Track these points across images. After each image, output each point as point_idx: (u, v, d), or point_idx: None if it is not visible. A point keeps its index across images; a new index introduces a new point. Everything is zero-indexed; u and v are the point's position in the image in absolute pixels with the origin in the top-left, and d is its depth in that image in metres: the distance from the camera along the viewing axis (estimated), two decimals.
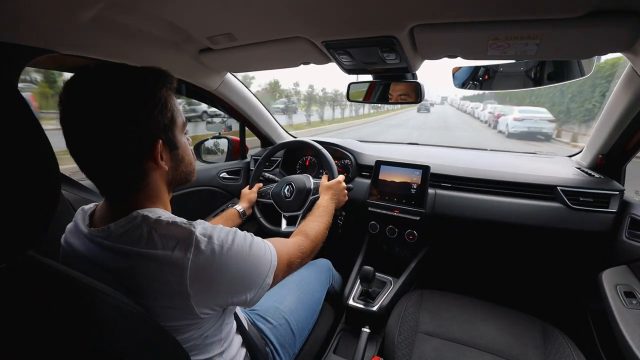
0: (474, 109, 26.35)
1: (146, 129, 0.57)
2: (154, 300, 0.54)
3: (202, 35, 0.95)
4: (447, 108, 45.91)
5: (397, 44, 0.86)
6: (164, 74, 0.61)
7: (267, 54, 1.04)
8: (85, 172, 0.58)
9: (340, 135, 11.09)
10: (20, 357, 0.40)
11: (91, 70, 0.56)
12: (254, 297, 0.64)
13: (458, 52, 0.88)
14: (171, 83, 0.62)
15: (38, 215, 0.41)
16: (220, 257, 0.57)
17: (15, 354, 0.40)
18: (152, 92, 0.58)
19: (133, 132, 0.56)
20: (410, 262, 1.40)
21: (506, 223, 1.24)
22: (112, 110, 0.54)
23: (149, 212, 0.58)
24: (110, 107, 0.53)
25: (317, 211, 1.06)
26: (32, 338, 0.40)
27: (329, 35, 0.88)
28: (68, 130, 0.54)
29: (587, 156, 1.34)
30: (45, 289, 0.42)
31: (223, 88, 1.42)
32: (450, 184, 1.38)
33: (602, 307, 0.99)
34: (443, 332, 1.04)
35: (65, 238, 0.66)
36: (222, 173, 1.68)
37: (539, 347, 0.99)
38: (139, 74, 0.58)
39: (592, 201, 1.17)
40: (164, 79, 0.61)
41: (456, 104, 46.61)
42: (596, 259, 1.18)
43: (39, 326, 0.40)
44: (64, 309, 0.42)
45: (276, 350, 0.91)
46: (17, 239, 0.39)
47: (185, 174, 0.69)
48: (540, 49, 0.76)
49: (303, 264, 0.82)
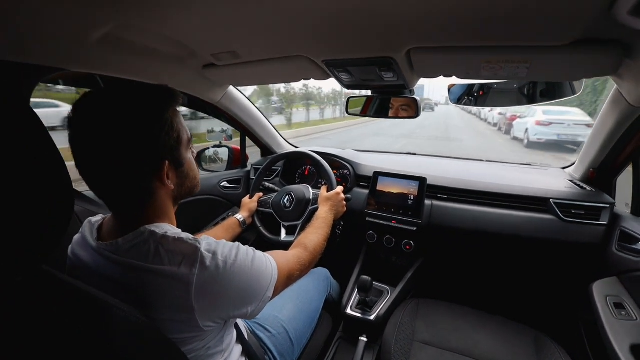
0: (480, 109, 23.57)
1: (153, 151, 0.59)
2: (159, 313, 0.56)
3: (207, 52, 0.99)
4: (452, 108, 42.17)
5: (394, 64, 0.89)
6: (170, 94, 0.63)
7: (269, 70, 1.07)
8: (94, 190, 0.60)
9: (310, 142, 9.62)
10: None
11: (99, 93, 0.58)
12: (255, 310, 0.65)
13: (453, 72, 0.91)
14: (177, 101, 0.64)
15: (52, 229, 0.42)
16: (224, 272, 0.59)
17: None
18: (159, 114, 0.60)
19: (140, 154, 0.57)
20: (407, 272, 1.42)
21: (500, 234, 1.27)
22: (119, 134, 0.55)
23: (156, 228, 0.60)
24: (117, 130, 0.55)
25: (316, 223, 1.07)
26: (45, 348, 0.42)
27: (329, 55, 0.92)
28: (77, 150, 0.56)
29: (580, 169, 1.37)
30: (58, 301, 0.43)
31: (225, 100, 1.45)
32: (447, 195, 1.41)
33: (593, 317, 1.02)
34: (439, 341, 1.06)
35: (72, 249, 0.68)
36: (223, 182, 1.70)
37: (532, 356, 1.02)
38: (147, 97, 0.60)
39: (584, 213, 1.20)
40: (170, 99, 0.62)
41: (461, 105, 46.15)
42: (587, 270, 1.21)
43: (53, 338, 0.42)
44: (77, 321, 0.43)
45: (275, 359, 0.93)
46: (32, 252, 0.41)
47: (191, 188, 0.71)
48: (531, 72, 0.80)
49: (302, 275, 0.83)
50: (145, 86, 0.61)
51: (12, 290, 0.41)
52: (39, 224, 0.40)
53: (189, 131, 0.68)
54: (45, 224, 0.41)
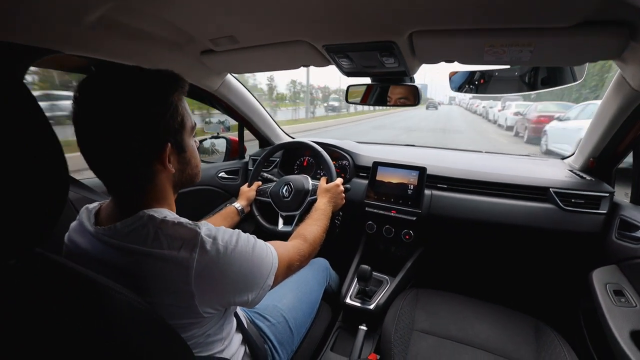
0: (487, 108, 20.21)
1: (156, 133, 0.58)
2: (158, 298, 0.55)
3: (205, 37, 0.97)
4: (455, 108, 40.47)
5: (396, 48, 0.88)
6: (176, 79, 0.62)
7: (268, 56, 1.06)
8: (95, 170, 0.59)
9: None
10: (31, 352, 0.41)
11: (106, 72, 0.57)
12: (256, 298, 0.65)
13: (455, 58, 0.90)
14: (183, 87, 0.63)
15: (47, 211, 0.41)
16: (224, 257, 0.58)
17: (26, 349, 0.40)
18: (164, 97, 0.59)
19: (143, 135, 0.57)
20: (407, 262, 1.42)
21: (500, 223, 1.27)
22: (124, 113, 0.55)
23: (155, 212, 0.59)
24: (123, 109, 0.54)
25: (315, 214, 1.06)
26: (43, 333, 0.41)
27: (329, 40, 0.90)
28: (80, 128, 0.55)
29: (579, 159, 1.37)
30: (55, 284, 0.42)
31: (223, 89, 1.43)
32: (447, 185, 1.40)
33: (592, 306, 1.02)
34: (438, 330, 1.06)
35: (69, 236, 0.67)
36: (221, 173, 1.69)
37: (532, 344, 1.02)
38: (153, 79, 0.59)
39: (584, 202, 1.20)
40: (176, 84, 0.62)
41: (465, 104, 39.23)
42: (587, 258, 1.21)
43: (50, 321, 0.41)
44: (75, 304, 0.42)
45: (275, 348, 0.93)
46: (26, 235, 0.40)
47: (191, 176, 0.70)
48: (534, 55, 0.79)
49: (301, 267, 0.83)
50: (153, 70, 0.60)
51: (6, 274, 0.40)
52: (33, 206, 0.39)
53: (193, 119, 0.68)
54: (39, 206, 0.40)
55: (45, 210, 0.41)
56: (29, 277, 0.41)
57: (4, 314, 0.40)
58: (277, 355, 0.93)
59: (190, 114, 0.66)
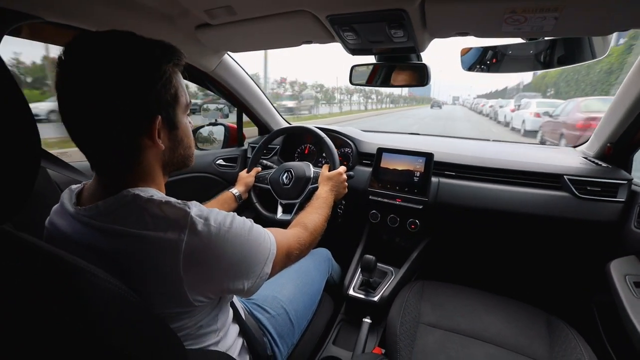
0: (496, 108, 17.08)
1: (146, 102, 0.53)
2: (144, 284, 0.50)
3: (200, 8, 0.90)
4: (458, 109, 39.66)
5: (406, 18, 0.81)
6: (172, 49, 0.57)
7: (267, 30, 0.99)
8: (77, 141, 0.54)
9: None
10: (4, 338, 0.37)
11: (96, 33, 0.52)
12: (252, 287, 0.60)
13: (470, 29, 0.84)
14: (179, 59, 0.58)
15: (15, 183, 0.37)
16: (217, 239, 0.53)
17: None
18: (157, 64, 0.54)
19: (132, 103, 0.52)
20: (412, 253, 1.37)
21: (511, 212, 1.22)
22: (112, 77, 0.50)
23: (141, 192, 0.54)
24: (111, 73, 0.50)
25: (316, 203, 1.02)
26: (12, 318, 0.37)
27: (334, 9, 0.83)
28: (64, 93, 0.50)
29: (594, 145, 1.31)
30: (23, 265, 0.38)
31: (220, 70, 1.37)
32: (454, 172, 1.34)
33: (607, 299, 0.97)
34: (446, 324, 1.02)
35: (50, 219, 0.62)
36: (219, 160, 1.63)
37: (545, 338, 0.97)
38: (146, 44, 0.54)
39: (600, 190, 1.15)
40: (172, 54, 0.57)
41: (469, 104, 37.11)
42: (603, 249, 1.16)
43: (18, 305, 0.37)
44: (45, 287, 0.38)
45: (274, 341, 0.88)
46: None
47: (183, 157, 0.65)
48: (559, 23, 0.72)
49: (301, 256, 0.78)
50: (147, 38, 0.55)
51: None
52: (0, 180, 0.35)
53: (188, 96, 0.63)
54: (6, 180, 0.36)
55: (14, 183, 0.37)
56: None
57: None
58: (277, 348, 0.88)
59: (186, 91, 0.62)
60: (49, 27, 0.83)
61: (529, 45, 1.03)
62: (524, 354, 0.91)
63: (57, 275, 0.39)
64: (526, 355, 0.91)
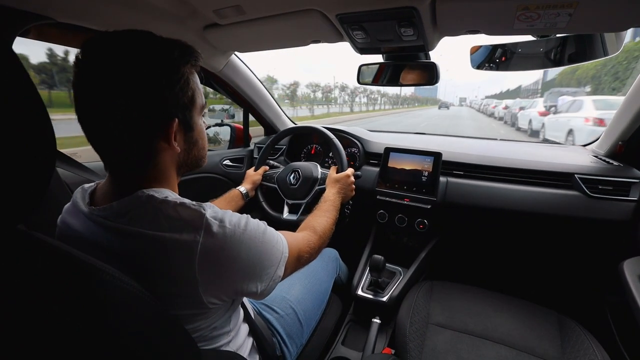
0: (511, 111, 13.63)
1: (164, 105, 0.53)
2: (158, 286, 0.50)
3: (209, 8, 0.90)
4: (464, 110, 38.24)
5: (416, 16, 0.81)
6: (190, 50, 0.57)
7: (276, 30, 0.99)
8: (93, 142, 0.53)
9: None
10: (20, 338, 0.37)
11: (114, 33, 0.51)
12: (265, 289, 0.60)
13: (481, 27, 0.83)
14: (196, 60, 0.58)
15: (31, 184, 0.37)
16: (232, 241, 0.53)
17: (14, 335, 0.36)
18: (175, 66, 0.54)
19: (149, 105, 0.51)
20: (420, 252, 1.36)
21: (521, 212, 1.20)
22: (130, 79, 0.49)
23: (155, 192, 0.54)
24: (129, 74, 0.49)
25: (324, 205, 1.02)
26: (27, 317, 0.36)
27: (344, 7, 0.83)
28: (81, 93, 0.50)
29: (605, 143, 1.30)
30: (38, 265, 0.38)
31: (228, 70, 1.37)
32: (463, 171, 1.34)
33: (620, 300, 0.95)
34: (455, 324, 1.01)
35: (62, 218, 0.62)
36: (225, 160, 1.63)
37: (556, 339, 0.96)
38: (164, 45, 0.53)
39: (612, 189, 1.13)
40: (190, 55, 0.56)
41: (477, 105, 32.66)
42: (615, 248, 1.15)
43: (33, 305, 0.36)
44: (61, 286, 0.38)
45: (283, 341, 0.88)
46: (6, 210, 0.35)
47: (197, 158, 0.65)
48: (573, 19, 0.71)
49: (310, 260, 0.78)
50: (165, 38, 0.55)
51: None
52: (15, 179, 0.35)
53: (203, 98, 0.62)
54: (22, 178, 0.36)
55: (29, 183, 0.37)
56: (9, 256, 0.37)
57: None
58: (286, 349, 0.88)
59: (202, 92, 0.61)
60: (57, 28, 0.83)
61: (539, 43, 1.02)
62: (535, 355, 0.90)
63: (74, 275, 0.39)
64: (537, 356, 0.90)
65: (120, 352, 0.40)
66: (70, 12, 0.77)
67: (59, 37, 0.91)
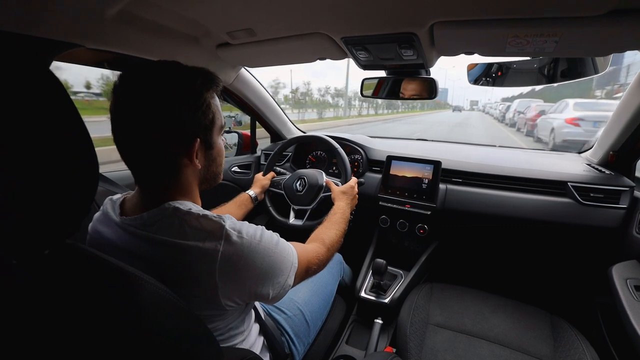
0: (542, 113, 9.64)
1: (188, 127, 0.59)
2: (182, 289, 0.55)
3: (222, 30, 0.97)
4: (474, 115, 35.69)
5: (416, 40, 0.87)
6: (211, 77, 0.63)
7: (284, 49, 1.05)
8: (126, 160, 0.60)
9: None
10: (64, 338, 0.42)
11: (146, 66, 0.58)
12: (276, 296, 0.65)
13: (476, 49, 0.89)
14: (217, 86, 0.64)
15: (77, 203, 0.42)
16: (249, 250, 0.59)
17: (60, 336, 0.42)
18: (198, 93, 0.60)
19: (175, 128, 0.58)
20: (421, 256, 1.42)
21: (516, 218, 1.26)
22: (159, 106, 0.56)
23: (180, 205, 0.60)
24: (158, 103, 0.56)
25: (334, 218, 1.03)
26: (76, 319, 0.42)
27: (348, 32, 0.89)
28: (116, 118, 0.57)
29: (598, 152, 1.35)
30: (85, 273, 0.43)
31: (237, 83, 1.43)
32: (461, 179, 1.39)
33: (610, 302, 1.00)
34: (453, 324, 1.06)
35: (93, 226, 0.68)
36: (234, 167, 1.70)
37: (549, 338, 1.01)
38: (189, 74, 0.60)
39: (603, 197, 1.18)
40: (211, 82, 0.63)
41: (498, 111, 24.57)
42: (606, 253, 1.20)
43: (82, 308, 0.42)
44: (105, 292, 0.43)
45: (292, 340, 0.94)
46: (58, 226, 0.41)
47: (215, 174, 0.71)
48: (559, 46, 0.77)
49: (318, 271, 0.82)
50: (190, 67, 0.62)
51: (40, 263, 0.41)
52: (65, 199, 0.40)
53: (223, 119, 0.69)
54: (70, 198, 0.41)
55: (76, 202, 0.42)
56: (61, 266, 0.42)
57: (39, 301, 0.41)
58: (294, 347, 0.94)
59: (222, 113, 0.67)
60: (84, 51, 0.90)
61: (533, 60, 1.07)
62: (528, 354, 0.95)
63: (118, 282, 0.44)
64: (530, 355, 0.95)
65: (156, 349, 0.46)
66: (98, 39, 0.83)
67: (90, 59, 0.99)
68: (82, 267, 0.44)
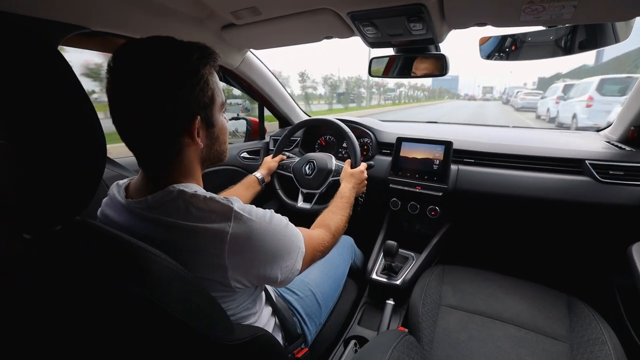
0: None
1: (186, 105, 0.58)
2: (191, 271, 0.55)
3: (227, 10, 0.95)
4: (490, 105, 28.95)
5: (425, 12, 0.84)
6: (208, 51, 0.61)
7: (290, 28, 1.03)
8: (126, 141, 0.59)
9: None
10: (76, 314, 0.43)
11: (139, 42, 0.56)
12: (285, 279, 0.65)
13: (488, 19, 0.85)
14: (214, 61, 0.62)
15: (87, 178, 0.42)
16: (259, 231, 0.59)
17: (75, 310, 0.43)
18: (195, 69, 0.58)
19: (174, 107, 0.56)
20: (432, 238, 1.40)
21: (531, 198, 1.23)
22: (156, 84, 0.54)
23: (185, 187, 0.59)
24: (154, 80, 0.54)
25: (339, 202, 1.03)
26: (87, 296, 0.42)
27: (355, 6, 0.87)
28: (113, 98, 0.55)
29: (618, 129, 1.30)
30: (98, 248, 0.44)
31: (244, 66, 1.42)
32: (474, 159, 1.36)
33: (630, 282, 0.97)
34: (466, 305, 1.05)
35: (101, 210, 0.68)
36: (243, 153, 1.70)
37: (564, 319, 0.99)
38: (184, 49, 0.58)
39: (623, 174, 1.14)
40: (208, 57, 0.61)
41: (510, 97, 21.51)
42: (625, 232, 1.16)
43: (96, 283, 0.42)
44: (118, 267, 0.43)
45: (303, 320, 0.94)
46: (69, 203, 0.41)
47: (219, 153, 0.70)
48: (578, 10, 0.73)
49: (322, 257, 0.82)
50: (185, 42, 0.59)
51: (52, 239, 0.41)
52: (73, 174, 0.40)
53: (223, 96, 0.67)
54: (80, 174, 0.41)
55: (85, 179, 0.42)
56: (72, 242, 0.43)
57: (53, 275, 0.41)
58: (306, 327, 0.94)
59: (221, 90, 0.66)
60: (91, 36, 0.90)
61: (549, 32, 1.02)
62: (543, 334, 0.94)
63: (130, 255, 0.45)
64: (546, 335, 0.94)
65: (168, 323, 0.46)
66: (104, 21, 0.83)
67: (94, 44, 0.99)
68: (92, 243, 0.44)
